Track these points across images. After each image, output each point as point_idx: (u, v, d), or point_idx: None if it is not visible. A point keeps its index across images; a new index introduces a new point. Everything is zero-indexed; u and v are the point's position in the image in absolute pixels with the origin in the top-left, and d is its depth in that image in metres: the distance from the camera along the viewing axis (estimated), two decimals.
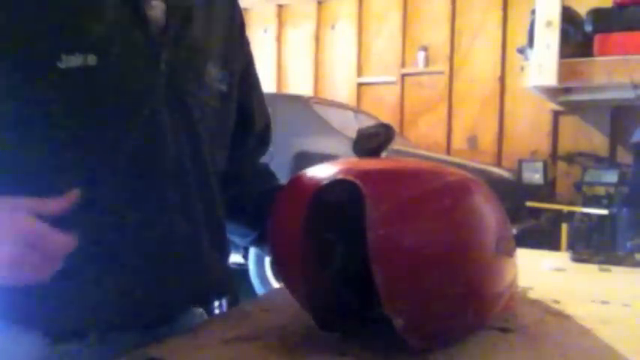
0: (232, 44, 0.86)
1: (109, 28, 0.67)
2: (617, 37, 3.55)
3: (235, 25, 0.89)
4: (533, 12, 3.75)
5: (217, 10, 0.84)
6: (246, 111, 0.91)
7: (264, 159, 1.02)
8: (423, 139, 5.38)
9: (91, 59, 0.65)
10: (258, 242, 0.95)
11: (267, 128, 0.99)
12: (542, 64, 3.59)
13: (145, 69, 0.70)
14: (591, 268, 1.15)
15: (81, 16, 0.66)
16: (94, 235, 0.68)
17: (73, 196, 0.59)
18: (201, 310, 0.83)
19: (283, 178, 0.94)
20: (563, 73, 3.58)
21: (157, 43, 0.71)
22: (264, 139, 0.99)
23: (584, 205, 3.90)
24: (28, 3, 0.64)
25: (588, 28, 3.65)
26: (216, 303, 0.87)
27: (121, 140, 0.69)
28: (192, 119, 0.75)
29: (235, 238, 0.98)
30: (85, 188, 0.67)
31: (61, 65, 0.64)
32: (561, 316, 0.79)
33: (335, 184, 0.64)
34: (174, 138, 0.73)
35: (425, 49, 5.48)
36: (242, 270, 3.89)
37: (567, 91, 4.15)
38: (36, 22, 0.64)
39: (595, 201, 3.87)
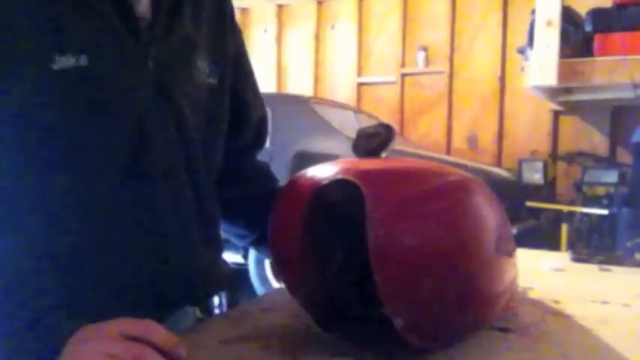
0: (222, 34, 0.85)
1: (98, 28, 0.67)
2: (617, 37, 3.55)
3: (224, 14, 0.87)
4: (533, 12, 3.75)
5: None
6: (240, 103, 0.90)
7: (263, 158, 1.01)
8: (423, 139, 5.39)
9: (83, 59, 0.65)
10: (257, 244, 0.94)
11: (262, 121, 0.96)
12: (542, 64, 3.59)
13: (133, 68, 0.70)
14: (591, 268, 1.15)
15: (70, 16, 0.65)
16: (86, 235, 0.68)
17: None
18: (193, 308, 0.83)
19: (283, 178, 0.94)
20: (563, 73, 3.58)
21: (145, 41, 0.71)
22: (260, 133, 0.97)
23: (584, 205, 3.90)
24: (17, 4, 0.63)
25: (588, 28, 3.66)
26: (216, 302, 0.87)
27: (111, 140, 0.68)
28: (181, 116, 0.75)
29: (233, 239, 0.98)
30: (78, 188, 0.67)
31: (55, 67, 0.63)
32: (561, 316, 0.79)
33: (335, 184, 0.64)
34: (163, 136, 0.72)
35: (425, 49, 5.48)
36: (242, 270, 3.90)
37: (567, 91, 4.15)
38: (27, 24, 0.63)
39: (595, 201, 3.87)
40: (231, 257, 3.81)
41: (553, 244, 3.78)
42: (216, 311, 0.86)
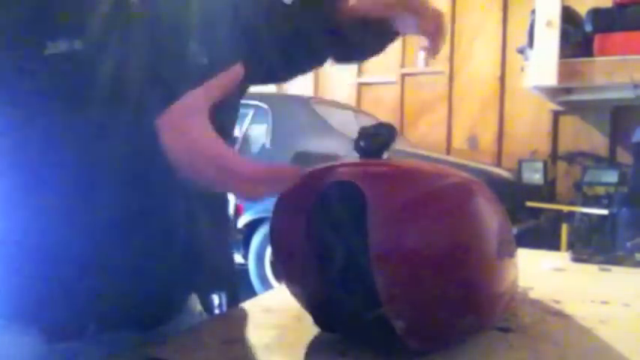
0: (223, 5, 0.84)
1: (90, 13, 0.67)
2: (617, 37, 3.56)
3: None
4: (533, 12, 3.76)
5: None
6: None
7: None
8: (423, 139, 5.39)
9: (77, 44, 0.64)
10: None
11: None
12: (542, 64, 3.60)
13: (128, 52, 0.69)
14: (591, 268, 1.15)
15: (62, 2, 0.65)
16: (95, 223, 0.67)
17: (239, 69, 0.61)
18: (200, 308, 0.83)
19: None
20: (563, 73, 3.59)
21: (138, 26, 0.70)
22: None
23: (584, 205, 3.91)
24: None
25: (588, 28, 3.66)
26: (216, 302, 0.87)
27: (110, 125, 0.68)
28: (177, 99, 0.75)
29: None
30: (78, 177, 0.66)
31: (48, 51, 0.63)
32: (561, 316, 0.79)
33: (336, 185, 0.64)
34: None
35: (425, 49, 5.47)
36: (242, 270, 3.90)
37: (567, 91, 4.16)
38: (19, 11, 0.63)
39: (595, 201, 3.87)
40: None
41: (553, 244, 3.78)
42: (216, 311, 0.86)
